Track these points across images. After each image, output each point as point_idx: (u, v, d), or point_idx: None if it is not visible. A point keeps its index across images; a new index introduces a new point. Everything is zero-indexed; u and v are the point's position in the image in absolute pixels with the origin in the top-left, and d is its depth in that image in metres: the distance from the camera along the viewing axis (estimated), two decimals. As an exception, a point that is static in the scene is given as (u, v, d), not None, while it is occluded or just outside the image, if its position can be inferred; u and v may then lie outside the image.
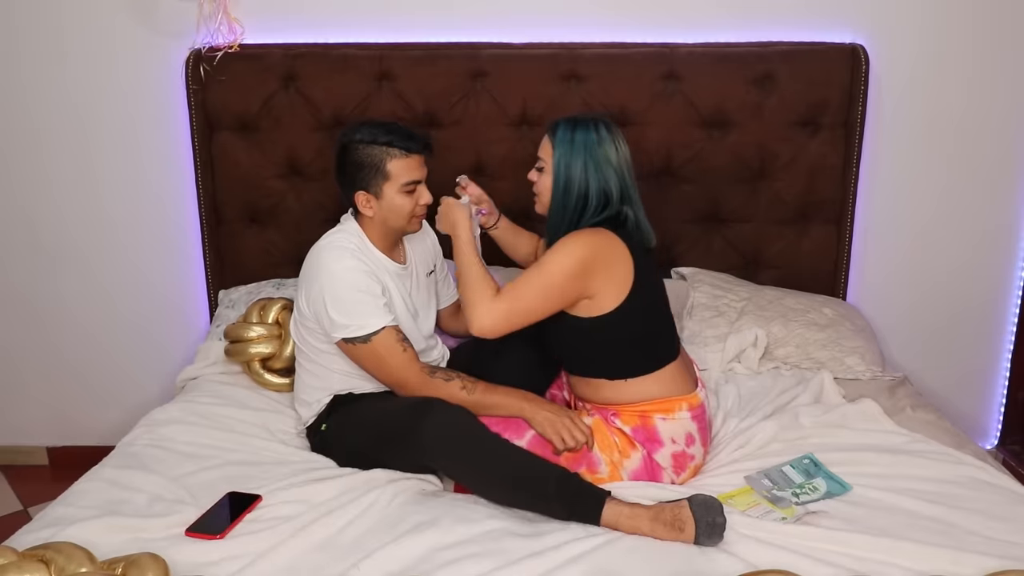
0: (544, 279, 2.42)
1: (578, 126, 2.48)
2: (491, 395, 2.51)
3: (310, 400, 2.69)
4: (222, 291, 3.42)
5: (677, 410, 2.50)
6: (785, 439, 2.63)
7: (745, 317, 3.13)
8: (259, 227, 3.41)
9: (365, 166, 2.57)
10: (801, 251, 3.40)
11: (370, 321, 2.52)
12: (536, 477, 2.31)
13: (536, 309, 2.45)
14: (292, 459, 2.60)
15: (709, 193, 3.34)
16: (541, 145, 2.55)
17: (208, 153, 3.32)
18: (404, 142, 2.57)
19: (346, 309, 2.51)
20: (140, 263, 3.48)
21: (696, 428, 2.52)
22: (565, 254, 2.42)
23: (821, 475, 2.45)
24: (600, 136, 2.47)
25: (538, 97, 3.24)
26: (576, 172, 2.46)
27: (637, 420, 2.49)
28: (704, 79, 3.22)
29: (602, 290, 2.43)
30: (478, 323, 2.43)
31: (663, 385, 2.51)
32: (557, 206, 2.50)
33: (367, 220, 2.63)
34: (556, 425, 2.46)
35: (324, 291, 2.53)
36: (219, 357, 3.09)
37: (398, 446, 2.44)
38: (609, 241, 2.44)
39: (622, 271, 2.44)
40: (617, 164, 2.47)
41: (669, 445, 2.49)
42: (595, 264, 2.41)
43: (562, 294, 2.43)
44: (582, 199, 2.46)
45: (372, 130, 2.58)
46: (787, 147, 3.29)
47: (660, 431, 2.48)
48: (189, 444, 2.63)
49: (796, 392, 2.87)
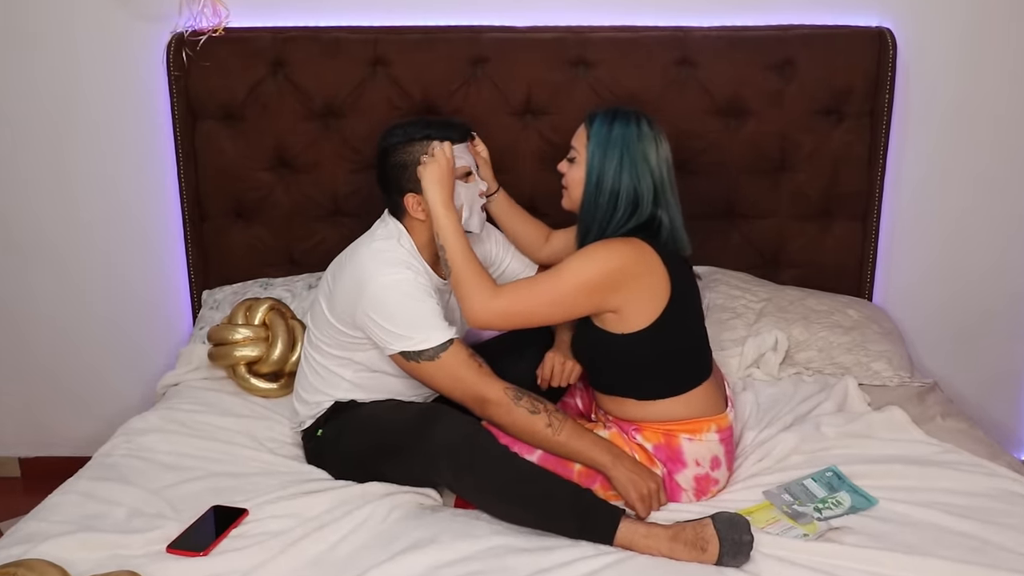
0: (557, 287, 2.41)
1: (618, 118, 2.48)
2: (576, 440, 2.45)
3: (310, 400, 2.69)
4: (205, 291, 3.42)
5: (705, 431, 2.50)
6: (806, 450, 2.63)
7: (764, 319, 3.13)
8: (245, 223, 3.41)
9: (409, 165, 2.56)
10: (824, 248, 3.40)
11: (434, 334, 2.48)
12: (547, 492, 2.32)
13: (539, 314, 2.45)
14: (281, 470, 2.61)
15: (725, 187, 3.35)
16: (576, 134, 2.55)
17: (191, 144, 3.32)
18: (443, 131, 2.57)
19: (406, 321, 2.48)
20: (118, 261, 3.49)
21: (723, 451, 2.52)
22: (585, 265, 2.41)
23: (845, 489, 2.46)
24: (641, 131, 2.46)
25: (543, 84, 3.24)
26: (610, 168, 2.45)
27: (661, 438, 2.49)
28: (720, 65, 3.23)
29: (631, 305, 2.41)
30: (472, 316, 2.45)
31: (693, 406, 2.50)
32: (588, 203, 2.48)
33: (418, 225, 2.60)
34: (640, 487, 2.41)
35: (375, 304, 2.48)
36: (202, 361, 3.10)
37: (401, 456, 2.44)
38: (640, 253, 2.42)
39: (656, 285, 2.42)
40: (656, 163, 2.46)
41: (693, 467, 2.49)
42: (621, 279, 2.39)
43: (573, 305, 2.43)
44: (613, 198, 2.45)
45: (406, 128, 2.58)
46: (809, 137, 3.29)
47: (685, 452, 2.48)
48: (170, 454, 2.63)
49: (818, 400, 2.86)
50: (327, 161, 3.33)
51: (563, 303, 2.42)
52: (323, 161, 3.33)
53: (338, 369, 2.65)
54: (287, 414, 2.85)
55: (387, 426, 2.53)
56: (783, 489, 2.47)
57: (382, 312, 2.48)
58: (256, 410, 2.91)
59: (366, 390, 2.65)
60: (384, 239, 2.59)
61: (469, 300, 2.45)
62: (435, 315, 2.50)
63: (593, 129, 2.49)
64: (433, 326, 2.48)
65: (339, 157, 3.32)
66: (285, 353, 2.98)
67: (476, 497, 2.39)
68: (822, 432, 2.69)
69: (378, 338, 2.51)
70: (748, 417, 2.81)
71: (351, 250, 2.64)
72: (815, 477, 2.50)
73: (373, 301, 2.49)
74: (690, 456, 2.48)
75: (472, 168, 2.61)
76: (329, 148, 3.32)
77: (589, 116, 2.53)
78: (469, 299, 2.45)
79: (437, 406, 2.54)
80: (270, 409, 2.91)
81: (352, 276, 2.55)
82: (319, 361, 2.67)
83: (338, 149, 3.32)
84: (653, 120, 2.51)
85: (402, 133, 2.58)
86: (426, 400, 2.69)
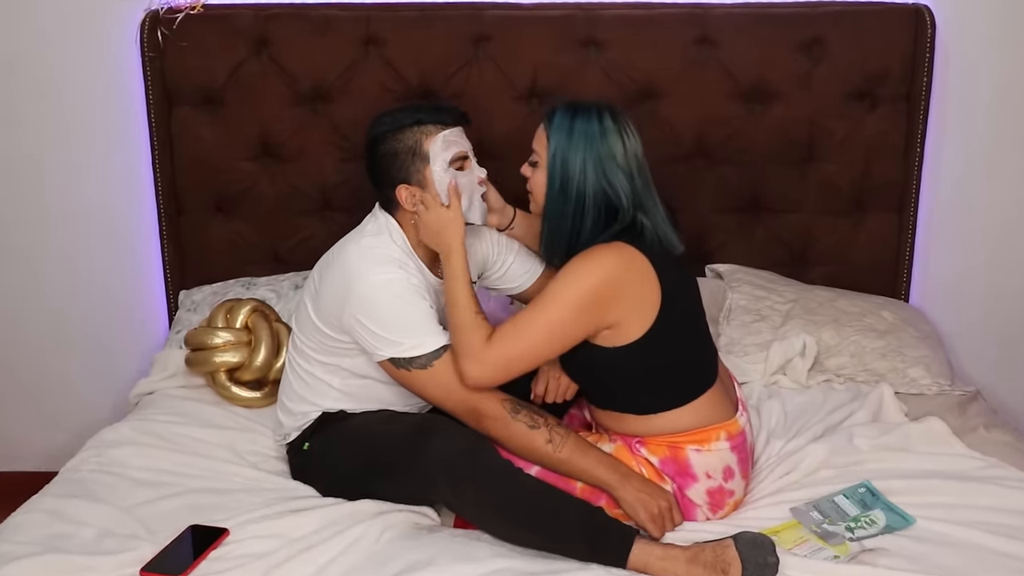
0: (548, 316, 2.38)
1: (578, 114, 2.44)
2: (580, 458, 2.45)
3: (295, 411, 2.68)
4: (183, 291, 3.42)
5: (713, 440, 2.48)
6: (838, 464, 2.63)
7: (791, 322, 3.13)
8: (226, 217, 3.41)
9: (399, 154, 2.55)
10: (857, 245, 3.40)
11: (426, 340, 2.47)
12: (555, 510, 2.31)
13: (541, 352, 2.42)
14: (265, 486, 2.61)
15: (749, 177, 3.34)
16: (536, 135, 2.52)
17: (167, 131, 3.32)
18: (435, 116, 2.57)
19: (396, 325, 2.47)
20: (87, 260, 3.48)
21: (736, 460, 2.51)
22: (572, 284, 2.37)
23: (879, 506, 2.45)
24: (603, 127, 2.42)
25: (550, 66, 3.24)
26: (574, 169, 2.41)
27: (666, 451, 2.48)
28: (743, 45, 3.23)
29: (625, 317, 2.39)
30: (469, 376, 2.40)
31: (698, 415, 2.49)
32: (553, 211, 2.45)
33: (411, 219, 2.59)
34: (650, 507, 2.40)
35: (363, 305, 2.47)
36: (179, 368, 3.09)
37: (395, 472, 2.44)
38: (629, 258, 2.39)
39: (647, 292, 2.40)
40: (624, 162, 2.42)
41: (704, 480, 2.48)
42: (614, 289, 2.37)
43: (572, 331, 2.40)
44: (580, 204, 2.41)
45: (395, 116, 2.58)
46: (840, 124, 3.29)
47: (693, 464, 2.47)
48: (144, 469, 2.63)
49: (851, 409, 2.86)
50: (315, 150, 3.33)
51: (560, 331, 2.39)
52: (311, 150, 3.33)
53: (325, 376, 2.64)
54: (271, 425, 2.84)
55: (379, 439, 2.52)
56: (812, 506, 2.46)
57: (370, 314, 2.47)
58: (237, 421, 2.90)
59: (356, 399, 2.64)
60: (374, 235, 2.59)
61: (461, 360, 2.41)
62: (428, 319, 2.49)
63: (552, 128, 2.45)
64: (426, 331, 2.47)
65: (328, 145, 3.32)
66: (269, 359, 2.97)
67: (476, 516, 2.38)
68: (855, 444, 2.68)
69: (366, 343, 2.50)
70: (774, 427, 2.81)
71: (339, 247, 2.63)
72: (847, 493, 2.49)
73: (361, 302, 2.48)
74: (699, 468, 2.47)
75: (468, 152, 2.60)
76: (317, 135, 3.32)
77: (547, 113, 2.49)
78: (461, 358, 2.41)
79: (433, 417, 2.54)
80: (253, 420, 2.91)
81: (339, 275, 2.54)
82: (305, 368, 2.66)
83: (327, 136, 3.32)
84: (619, 112, 2.47)
85: (391, 121, 2.57)
86: (421, 411, 2.68)
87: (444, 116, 2.58)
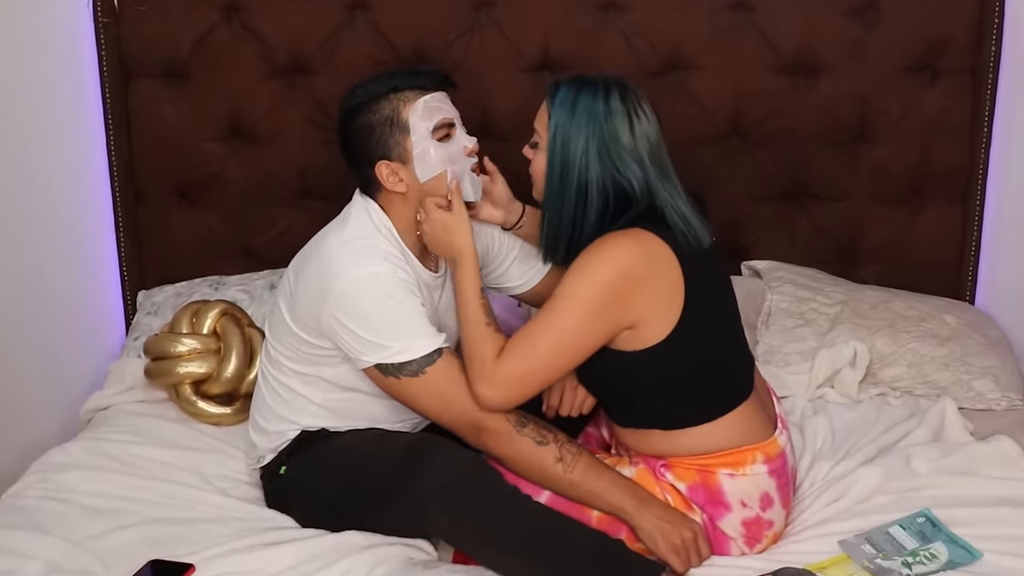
0: (564, 319, 2.37)
1: (584, 89, 2.44)
2: (594, 480, 2.44)
3: (270, 429, 2.69)
4: (142, 292, 3.44)
5: (749, 463, 2.48)
6: (893, 490, 2.62)
7: (840, 327, 3.13)
8: (191, 206, 3.43)
9: (375, 126, 2.55)
10: (914, 238, 3.41)
11: (417, 342, 2.46)
12: (567, 543, 2.31)
13: (559, 363, 2.42)
14: (236, 515, 2.61)
15: (791, 161, 3.35)
16: (538, 113, 2.52)
17: (123, 108, 3.33)
18: (413, 80, 2.57)
19: (382, 326, 2.46)
20: (31, 256, 3.47)
21: (775, 485, 2.51)
22: (584, 282, 2.37)
23: (941, 538, 2.45)
24: (609, 106, 2.41)
25: (563, 32, 3.25)
26: (575, 151, 2.41)
27: (695, 476, 2.47)
28: (785, 9, 3.24)
29: (647, 315, 2.39)
30: (483, 400, 2.41)
31: (731, 432, 2.48)
32: (552, 200, 2.45)
33: (397, 201, 2.59)
34: (672, 538, 2.39)
35: (345, 304, 2.47)
36: (137, 380, 3.10)
37: (385, 499, 2.44)
38: (648, 246, 2.38)
39: (670, 286, 2.39)
40: (631, 146, 2.41)
41: (739, 510, 2.47)
42: (633, 282, 2.36)
43: (588, 337, 2.39)
44: (582, 194, 2.41)
45: (369, 85, 2.58)
46: (895, 100, 3.29)
47: (726, 491, 2.47)
48: (97, 496, 2.63)
49: (908, 427, 2.86)
50: (293, 129, 3.35)
51: (576, 338, 2.38)
52: (288, 129, 3.35)
53: (304, 390, 2.64)
54: (242, 446, 2.84)
55: (367, 461, 2.52)
56: (863, 538, 2.46)
57: (353, 314, 2.46)
58: (204, 441, 2.91)
59: (340, 415, 2.64)
60: (356, 224, 2.58)
61: (473, 383, 2.42)
62: (419, 318, 2.48)
63: (555, 104, 2.45)
64: (416, 332, 2.47)
65: (308, 124, 3.33)
66: (240, 370, 2.98)
67: (478, 550, 2.39)
68: (912, 467, 2.68)
69: (348, 347, 2.49)
70: (820, 448, 2.81)
71: (316, 240, 2.63)
72: (904, 524, 2.49)
73: (341, 300, 2.47)
74: (733, 496, 2.47)
75: (454, 119, 2.59)
76: (296, 113, 3.33)
77: (550, 88, 2.49)
78: (472, 381, 2.42)
79: (429, 436, 2.54)
80: (222, 440, 2.92)
81: (316, 271, 2.53)
82: (280, 380, 2.66)
83: (307, 114, 3.33)
84: (632, 89, 2.45)
85: (364, 92, 2.57)
86: (416, 428, 2.69)
87: (423, 80, 2.57)
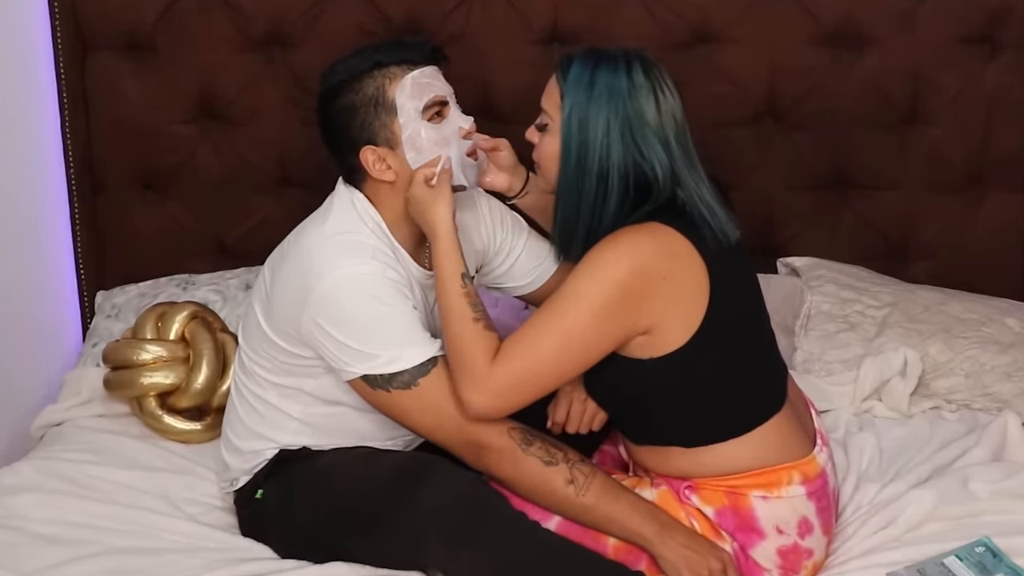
0: (567, 320, 2.37)
1: (602, 63, 2.44)
2: (610, 503, 2.44)
3: (244, 448, 2.69)
4: (100, 293, 3.45)
5: (784, 484, 2.48)
6: (949, 515, 2.63)
7: (888, 332, 3.14)
8: (157, 196, 3.44)
9: (359, 108, 2.55)
10: (973, 232, 3.42)
11: (409, 351, 2.46)
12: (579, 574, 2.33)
13: (559, 370, 2.42)
14: (207, 545, 2.62)
15: (834, 145, 3.36)
16: (546, 90, 2.52)
17: (80, 85, 3.34)
18: (398, 54, 2.56)
19: (369, 332, 2.46)
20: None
21: (815, 509, 2.51)
22: (597, 276, 2.37)
23: (1003, 570, 2.45)
24: (633, 81, 2.41)
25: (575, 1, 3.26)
26: (595, 133, 2.41)
27: (724, 499, 2.48)
28: (826, -27, 3.25)
29: (664, 319, 2.39)
30: (470, 406, 2.40)
31: (763, 449, 2.49)
32: (568, 187, 2.45)
33: (384, 191, 2.59)
34: (698, 568, 2.39)
35: (327, 307, 2.47)
36: (96, 391, 3.11)
37: (374, 527, 2.44)
38: (667, 242, 2.39)
39: (691, 286, 2.40)
40: (658, 126, 2.42)
41: (774, 537, 2.47)
42: (649, 282, 2.36)
43: (595, 342, 2.39)
44: (603, 181, 2.41)
45: (350, 61, 2.57)
46: (951, 77, 3.30)
47: (759, 516, 2.47)
48: (51, 523, 2.64)
49: (965, 445, 2.87)
50: (272, 109, 3.36)
51: (582, 342, 2.38)
52: (266, 109, 3.37)
53: (282, 403, 2.64)
54: (214, 467, 2.85)
55: (354, 484, 2.53)
56: (915, 571, 2.47)
57: (336, 318, 2.46)
58: (171, 460, 2.91)
59: (322, 432, 2.65)
60: (340, 217, 2.58)
61: (459, 386, 2.41)
62: (411, 323, 2.48)
63: (568, 82, 2.45)
64: (408, 339, 2.47)
65: (288, 103, 3.35)
66: (212, 380, 2.99)
67: (481, 583, 2.41)
68: (970, 490, 2.68)
69: (332, 356, 2.49)
70: (866, 468, 2.82)
71: (295, 235, 2.64)
72: (960, 554, 2.50)
73: (324, 304, 2.47)
74: (767, 522, 2.47)
75: (447, 96, 2.59)
76: (274, 91, 3.35)
77: (561, 62, 2.48)
78: (458, 384, 2.41)
79: (424, 455, 2.55)
80: (191, 460, 2.92)
81: (296, 270, 2.54)
82: (255, 392, 2.67)
83: (287, 92, 3.34)
84: (653, 63, 2.46)
85: (344, 68, 2.56)
86: (408, 446, 2.70)
87: (411, 53, 2.57)
